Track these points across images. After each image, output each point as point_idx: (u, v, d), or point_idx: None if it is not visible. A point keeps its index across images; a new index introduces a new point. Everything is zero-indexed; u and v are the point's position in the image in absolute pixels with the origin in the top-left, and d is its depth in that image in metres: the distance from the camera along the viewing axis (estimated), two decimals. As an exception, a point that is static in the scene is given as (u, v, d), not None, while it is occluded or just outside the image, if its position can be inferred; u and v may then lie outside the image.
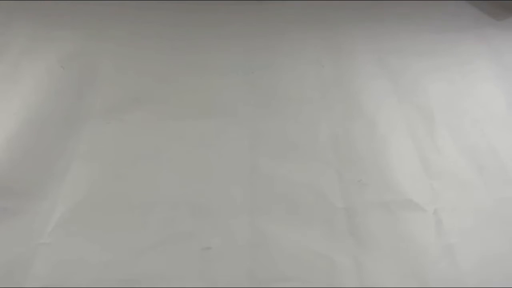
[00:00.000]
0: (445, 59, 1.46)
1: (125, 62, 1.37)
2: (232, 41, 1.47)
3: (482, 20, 1.62)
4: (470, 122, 1.28)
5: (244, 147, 1.18)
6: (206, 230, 1.02)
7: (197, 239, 1.00)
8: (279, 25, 1.56)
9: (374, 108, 1.30)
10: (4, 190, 1.04)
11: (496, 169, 1.18)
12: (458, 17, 1.63)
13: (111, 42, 1.42)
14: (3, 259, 0.95)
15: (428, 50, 1.48)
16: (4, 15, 1.46)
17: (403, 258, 1.00)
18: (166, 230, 1.01)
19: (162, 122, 1.23)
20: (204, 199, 1.07)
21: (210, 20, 1.55)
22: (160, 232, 1.01)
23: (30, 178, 1.07)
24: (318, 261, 0.99)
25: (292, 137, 1.21)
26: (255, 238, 1.01)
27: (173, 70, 1.37)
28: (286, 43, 1.49)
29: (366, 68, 1.42)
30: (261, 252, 0.99)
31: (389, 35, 1.54)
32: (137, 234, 1.00)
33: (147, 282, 0.93)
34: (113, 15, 1.52)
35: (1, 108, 1.19)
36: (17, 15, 1.47)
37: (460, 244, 1.02)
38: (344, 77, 1.39)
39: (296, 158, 1.17)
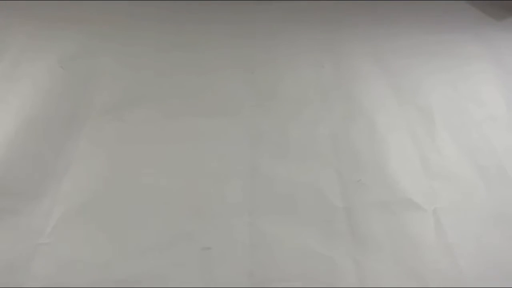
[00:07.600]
0: (445, 60, 1.46)
1: (125, 62, 1.37)
2: (232, 41, 1.48)
3: (482, 20, 1.62)
4: (470, 122, 1.28)
5: (244, 147, 1.18)
6: (206, 230, 1.02)
7: (197, 240, 1.00)
8: (280, 25, 1.56)
9: (374, 108, 1.30)
10: (4, 190, 1.04)
11: (496, 169, 1.18)
12: (458, 17, 1.63)
13: (111, 42, 1.42)
14: (3, 259, 0.94)
15: (428, 51, 1.49)
16: (4, 15, 1.46)
17: (403, 258, 1.00)
18: (166, 231, 1.01)
19: (162, 121, 1.22)
20: (204, 199, 1.07)
21: (210, 20, 1.55)
22: (160, 232, 1.01)
23: (30, 178, 1.07)
24: (318, 261, 0.99)
25: (292, 137, 1.21)
26: (255, 238, 1.01)
27: (173, 70, 1.36)
28: (286, 43, 1.49)
29: (366, 69, 1.42)
30: (261, 252, 0.99)
31: (389, 36, 1.54)
32: (137, 234, 1.00)
33: (147, 282, 0.93)
34: (113, 14, 1.52)
35: (1, 108, 1.19)
36: (17, 14, 1.47)
37: (460, 243, 1.03)
38: (344, 77, 1.39)
39: (296, 158, 1.17)
